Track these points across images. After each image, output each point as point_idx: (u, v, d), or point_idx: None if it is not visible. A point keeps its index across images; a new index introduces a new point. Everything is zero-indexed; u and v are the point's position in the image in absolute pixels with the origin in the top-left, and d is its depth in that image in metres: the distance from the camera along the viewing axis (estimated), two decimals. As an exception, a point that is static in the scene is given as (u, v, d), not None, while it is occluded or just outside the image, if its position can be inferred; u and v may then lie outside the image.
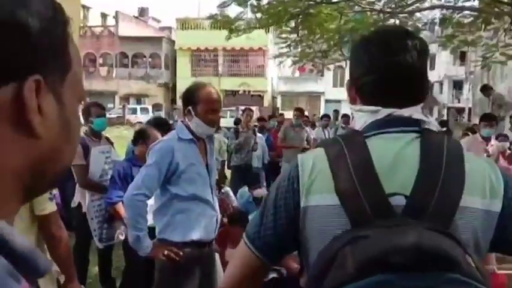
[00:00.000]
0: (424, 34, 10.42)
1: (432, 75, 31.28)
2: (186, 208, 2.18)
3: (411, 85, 0.95)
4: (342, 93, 29.56)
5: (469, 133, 7.08)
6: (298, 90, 30.31)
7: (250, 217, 4.30)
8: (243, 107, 21.72)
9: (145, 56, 31.62)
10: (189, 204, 2.18)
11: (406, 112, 0.93)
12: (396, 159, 0.87)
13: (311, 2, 6.73)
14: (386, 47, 0.94)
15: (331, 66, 11.71)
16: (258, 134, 7.00)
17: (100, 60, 32.00)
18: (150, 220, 2.32)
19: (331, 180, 0.88)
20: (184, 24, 30.42)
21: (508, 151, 5.47)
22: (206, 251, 2.27)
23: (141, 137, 3.28)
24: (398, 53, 0.92)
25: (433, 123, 0.95)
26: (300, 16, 7.35)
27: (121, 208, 2.94)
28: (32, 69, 0.43)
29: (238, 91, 29.84)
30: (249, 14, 7.48)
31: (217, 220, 2.30)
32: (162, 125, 4.05)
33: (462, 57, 22.28)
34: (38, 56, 0.44)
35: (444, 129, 9.26)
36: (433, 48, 15.32)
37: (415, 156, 0.87)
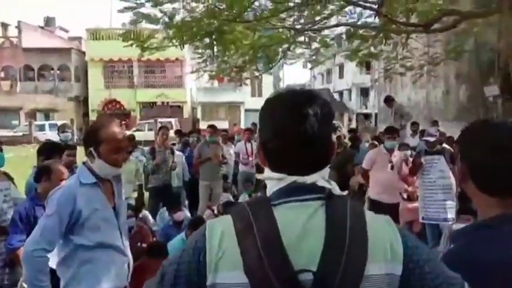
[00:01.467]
0: (332, 48, 11.05)
1: (341, 84, 33.25)
2: (92, 258, 2.03)
3: (315, 153, 0.95)
4: (260, 103, 30.00)
5: (376, 143, 7.62)
6: (218, 100, 30.35)
7: (169, 246, 4.19)
8: (161, 120, 21.12)
9: (53, 69, 29.64)
10: (95, 253, 2.03)
11: (310, 179, 0.94)
12: (303, 231, 0.88)
13: (224, 21, 6.78)
14: (291, 114, 0.94)
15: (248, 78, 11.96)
16: (177, 152, 6.85)
17: (1, 74, 29.38)
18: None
19: (240, 257, 0.87)
20: (95, 34, 29.03)
21: (410, 158, 5.96)
22: (118, 300, 2.15)
23: (44, 173, 3.04)
24: (302, 121, 0.93)
25: (335, 188, 0.97)
26: (215, 33, 7.39)
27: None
28: None
29: (155, 103, 29.13)
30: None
31: (129, 265, 2.18)
32: (52, 151, 3.81)
33: (368, 66, 23.96)
34: None
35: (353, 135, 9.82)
36: (341, 59, 16.18)
37: (321, 226, 0.88)
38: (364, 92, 30.52)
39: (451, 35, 9.28)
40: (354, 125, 26.13)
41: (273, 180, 0.97)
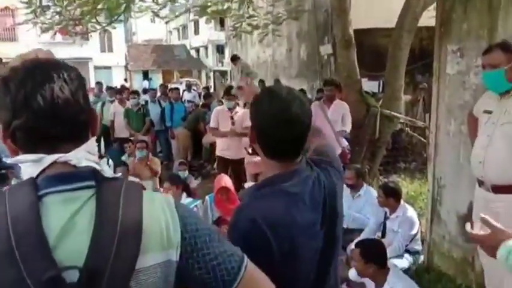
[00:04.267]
0: (180, 3, 10.75)
1: (197, 40, 32.89)
2: None
3: (68, 121, 0.86)
4: (111, 59, 28.15)
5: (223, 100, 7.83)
6: (62, 56, 25.95)
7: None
8: (-9, 79, 18.38)
9: None
10: None
11: (73, 157, 0.85)
12: (70, 226, 0.80)
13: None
14: (26, 83, 0.84)
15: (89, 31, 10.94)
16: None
17: None
18: None
19: None
20: None
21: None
22: None
23: None
24: (44, 88, 0.83)
25: (106, 170, 0.90)
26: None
27: None
28: None
29: (-17, 59, 24.95)
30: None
31: None
32: None
33: (222, 23, 24.07)
34: None
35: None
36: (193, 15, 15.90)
37: (90, 220, 0.81)
38: (220, 49, 30.63)
39: (291, -5, 9.82)
40: (211, 82, 26.33)
41: (30, 165, 0.86)
